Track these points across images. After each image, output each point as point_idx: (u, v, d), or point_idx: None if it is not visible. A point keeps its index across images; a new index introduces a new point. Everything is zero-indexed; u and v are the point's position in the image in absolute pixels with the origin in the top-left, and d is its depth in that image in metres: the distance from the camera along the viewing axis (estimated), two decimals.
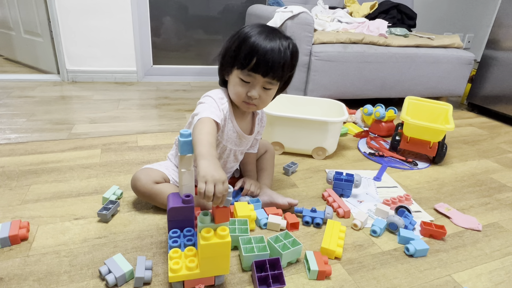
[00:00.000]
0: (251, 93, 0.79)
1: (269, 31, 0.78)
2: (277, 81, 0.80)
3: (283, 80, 0.83)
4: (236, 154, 0.94)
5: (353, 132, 1.59)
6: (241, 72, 0.78)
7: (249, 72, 0.77)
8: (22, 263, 0.71)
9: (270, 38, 0.76)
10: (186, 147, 0.69)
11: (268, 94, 0.82)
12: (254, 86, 0.79)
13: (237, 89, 0.81)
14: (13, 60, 2.54)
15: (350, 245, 0.84)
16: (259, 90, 0.80)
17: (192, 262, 0.63)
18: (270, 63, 0.76)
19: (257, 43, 0.75)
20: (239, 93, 0.81)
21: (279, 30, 0.81)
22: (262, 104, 0.84)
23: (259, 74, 0.77)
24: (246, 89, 0.80)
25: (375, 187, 1.14)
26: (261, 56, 0.75)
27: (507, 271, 0.80)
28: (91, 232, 0.82)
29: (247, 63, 0.76)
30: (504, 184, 1.23)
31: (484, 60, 2.01)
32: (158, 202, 0.89)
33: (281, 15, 1.65)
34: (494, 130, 1.82)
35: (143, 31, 2.24)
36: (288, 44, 0.79)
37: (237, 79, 0.80)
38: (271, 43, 0.76)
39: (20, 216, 0.86)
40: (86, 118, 1.57)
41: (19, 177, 1.04)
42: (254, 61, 0.76)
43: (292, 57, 0.80)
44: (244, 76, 0.78)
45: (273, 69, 0.77)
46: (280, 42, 0.77)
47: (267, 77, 0.78)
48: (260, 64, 0.76)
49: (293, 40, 0.82)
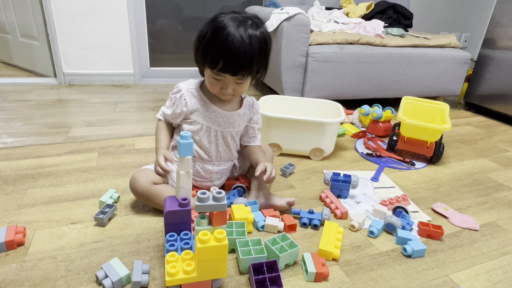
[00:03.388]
0: (224, 90, 0.84)
1: (237, 26, 0.77)
2: (248, 76, 0.82)
3: (255, 72, 0.84)
4: (225, 136, 0.95)
5: (351, 132, 1.59)
6: (211, 71, 0.81)
7: (218, 72, 0.80)
8: (19, 268, 0.71)
9: (238, 35, 0.76)
10: (186, 149, 0.69)
11: (242, 86, 0.85)
12: (226, 83, 0.82)
13: (211, 85, 0.85)
14: (10, 63, 2.53)
15: (348, 246, 0.84)
16: (231, 86, 0.83)
17: (189, 266, 0.63)
18: (236, 64, 0.78)
19: (222, 45, 0.76)
20: (214, 88, 0.86)
21: (249, 19, 0.80)
22: (237, 94, 0.87)
23: (227, 74, 0.80)
24: (219, 85, 0.84)
25: (373, 188, 1.14)
26: (227, 58, 0.77)
27: (504, 271, 0.80)
28: (88, 237, 0.81)
29: (215, 65, 0.78)
30: (501, 183, 1.23)
31: (480, 59, 2.02)
32: (156, 203, 0.89)
33: (278, 16, 1.65)
34: (491, 129, 1.83)
35: (139, 34, 2.24)
36: (256, 34, 0.78)
37: (209, 77, 0.84)
38: (236, 44, 0.76)
39: (17, 221, 0.86)
40: (83, 121, 1.56)
41: (15, 182, 1.03)
42: (221, 64, 0.78)
43: (260, 48, 0.80)
44: (214, 75, 0.82)
45: (241, 68, 0.79)
46: (248, 39, 0.77)
47: (237, 76, 0.80)
48: (227, 66, 0.78)
49: (262, 28, 0.82)
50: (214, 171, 0.98)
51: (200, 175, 0.98)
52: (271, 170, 0.90)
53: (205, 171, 0.97)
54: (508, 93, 1.89)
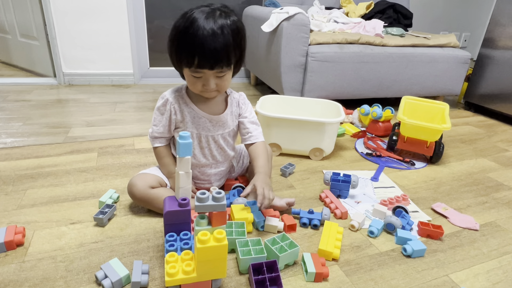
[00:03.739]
0: (207, 86, 0.82)
1: (205, 18, 0.75)
2: (227, 67, 0.80)
3: (234, 62, 0.82)
4: (216, 140, 0.93)
5: (350, 132, 1.59)
6: (189, 70, 0.80)
7: (196, 69, 0.79)
8: (18, 268, 0.71)
9: (207, 27, 0.74)
10: (185, 149, 0.69)
11: (225, 80, 0.83)
12: (207, 79, 0.81)
13: (192, 84, 0.83)
14: (9, 63, 2.53)
15: (348, 246, 0.84)
16: (213, 80, 0.81)
17: (188, 266, 0.63)
18: (212, 57, 0.76)
19: (194, 40, 0.75)
20: (196, 88, 0.83)
21: (217, 10, 0.79)
22: (222, 89, 0.85)
23: (206, 69, 0.78)
24: (201, 82, 0.82)
25: (373, 188, 1.13)
26: (202, 53, 0.75)
27: (504, 271, 0.80)
28: (88, 237, 0.81)
29: (191, 63, 0.77)
30: (501, 183, 1.23)
31: (480, 59, 2.02)
32: (155, 207, 0.89)
33: (277, 16, 1.65)
34: (491, 129, 1.83)
35: (139, 33, 2.24)
36: (227, 24, 0.77)
37: (189, 76, 0.82)
38: (208, 37, 0.74)
39: (16, 221, 0.86)
40: (83, 121, 1.56)
41: (15, 182, 1.03)
42: (196, 60, 0.76)
43: (234, 37, 0.78)
44: (193, 73, 0.80)
45: (217, 60, 0.77)
46: (219, 30, 0.75)
47: (215, 70, 0.79)
48: (203, 61, 0.76)
49: (232, 16, 0.80)
50: (212, 174, 0.98)
51: (199, 178, 0.97)
52: (262, 193, 0.83)
53: (203, 174, 0.97)
54: (508, 93, 1.89)
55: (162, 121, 0.90)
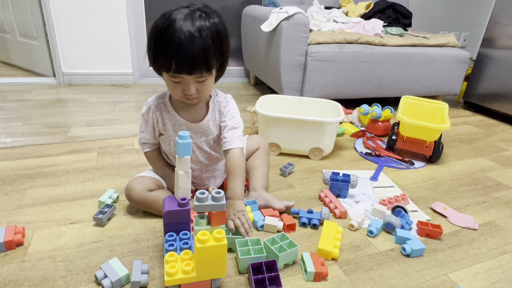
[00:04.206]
0: (187, 91, 0.77)
1: (183, 21, 0.71)
2: (207, 72, 0.75)
3: (214, 67, 0.77)
4: (200, 146, 0.89)
5: (350, 132, 1.59)
6: (167, 74, 0.76)
7: (174, 74, 0.74)
8: (18, 268, 0.71)
9: (185, 30, 0.70)
10: (184, 149, 0.69)
11: (206, 85, 0.78)
12: (187, 84, 0.76)
13: (172, 90, 0.79)
14: (9, 63, 2.53)
15: (347, 245, 0.84)
16: (194, 85, 0.77)
17: (188, 266, 0.63)
18: (190, 62, 0.72)
19: (170, 44, 0.70)
20: (176, 93, 0.79)
21: (198, 10, 0.75)
22: (204, 94, 0.81)
23: (184, 74, 0.74)
24: (181, 87, 0.77)
25: (372, 187, 1.14)
26: (179, 58, 0.71)
27: (503, 270, 0.80)
28: (87, 237, 0.81)
29: (169, 67, 0.73)
30: (500, 183, 1.23)
31: (479, 58, 2.02)
32: (154, 210, 0.89)
33: (277, 15, 1.65)
34: (490, 128, 1.83)
35: (139, 33, 2.24)
36: (206, 26, 0.72)
37: (168, 81, 0.78)
38: (185, 39, 0.70)
39: (16, 221, 0.86)
40: (82, 121, 1.56)
41: (14, 182, 1.03)
42: (173, 64, 0.72)
43: (214, 40, 0.73)
44: (172, 78, 0.76)
45: (195, 65, 0.72)
46: (198, 31, 0.71)
47: (194, 75, 0.74)
48: (181, 65, 0.72)
49: (214, 17, 0.75)
50: (204, 177, 0.97)
51: (193, 182, 0.97)
52: (239, 224, 0.79)
53: (195, 178, 0.96)
54: (507, 92, 1.89)
55: (148, 128, 0.89)
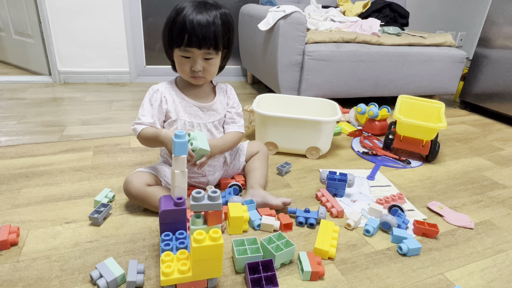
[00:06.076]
0: (194, 67, 0.86)
1: (196, 6, 0.83)
2: (214, 50, 0.85)
3: (221, 48, 0.87)
4: (208, 128, 0.96)
5: (347, 131, 1.59)
6: (179, 50, 0.85)
7: (185, 48, 0.84)
8: (12, 268, 0.70)
9: (197, 12, 0.82)
10: (180, 148, 0.69)
11: (211, 64, 0.88)
12: (195, 60, 0.86)
13: (181, 66, 0.88)
14: (4, 61, 2.51)
15: (344, 245, 0.85)
16: (201, 62, 0.86)
17: (184, 265, 0.63)
18: (200, 35, 0.81)
19: (185, 20, 0.81)
20: (184, 70, 0.88)
21: (207, 2, 0.86)
22: (208, 74, 0.90)
23: (194, 47, 0.83)
24: (189, 64, 0.87)
25: (369, 186, 1.14)
26: (191, 31, 0.81)
27: (499, 269, 0.81)
28: (83, 236, 0.81)
29: (181, 41, 0.83)
30: (496, 182, 1.24)
31: (476, 58, 2.03)
32: (151, 205, 0.88)
33: (274, 14, 1.65)
34: (486, 128, 1.84)
35: (135, 32, 2.23)
36: (217, 14, 0.84)
37: (179, 57, 0.87)
38: (198, 17, 0.81)
39: (10, 220, 0.85)
40: (78, 120, 1.55)
41: (9, 181, 1.02)
42: (186, 37, 0.82)
43: (223, 25, 0.85)
44: (182, 53, 0.85)
45: (205, 40, 0.82)
46: (208, 14, 0.82)
47: (203, 49, 0.84)
48: (192, 38, 0.82)
49: (223, 9, 0.87)
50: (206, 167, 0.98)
51: (193, 171, 0.97)
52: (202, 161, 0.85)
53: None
54: (503, 92, 1.90)
55: (152, 111, 0.90)
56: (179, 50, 0.85)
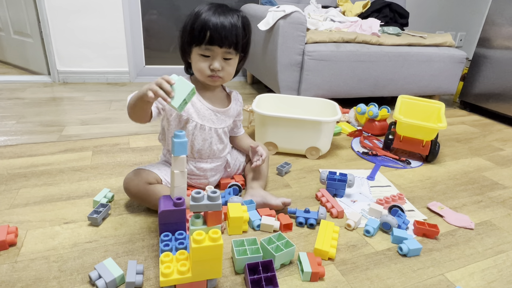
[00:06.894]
0: (213, 65, 0.85)
1: (217, 7, 0.85)
2: (234, 50, 0.86)
3: (239, 49, 0.88)
4: (218, 133, 0.96)
5: (347, 131, 1.59)
6: (199, 48, 0.84)
7: (206, 46, 0.83)
8: (10, 269, 0.70)
9: (219, 13, 0.83)
10: (180, 148, 0.68)
11: (230, 64, 0.88)
12: (214, 58, 0.85)
13: (199, 65, 0.87)
14: (3, 61, 2.50)
15: (344, 245, 0.84)
16: (220, 61, 0.86)
17: (183, 266, 0.62)
18: (223, 33, 0.82)
19: (207, 19, 0.82)
20: (202, 69, 0.87)
21: (227, 6, 0.88)
22: (226, 75, 0.89)
23: (215, 45, 0.83)
24: (208, 62, 0.86)
25: (369, 187, 1.13)
26: (214, 29, 0.82)
27: (499, 269, 0.81)
28: (81, 236, 0.80)
29: (203, 39, 0.83)
30: (496, 182, 1.24)
31: (476, 58, 2.03)
32: (151, 203, 0.88)
33: (274, 14, 1.64)
34: (486, 128, 1.84)
35: (135, 31, 2.22)
36: (237, 16, 0.86)
37: (197, 56, 0.86)
38: (220, 17, 0.83)
39: (9, 221, 0.84)
40: (77, 119, 1.55)
41: (7, 181, 1.02)
42: (208, 35, 0.82)
43: (243, 27, 0.87)
44: (203, 51, 0.85)
45: (227, 38, 0.83)
46: (231, 16, 0.84)
47: (224, 47, 0.84)
48: (214, 36, 0.82)
49: (241, 12, 0.89)
50: (208, 169, 0.97)
51: (194, 173, 0.97)
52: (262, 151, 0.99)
53: (199, 169, 0.97)
54: (503, 92, 1.90)
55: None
56: (199, 49, 0.85)
